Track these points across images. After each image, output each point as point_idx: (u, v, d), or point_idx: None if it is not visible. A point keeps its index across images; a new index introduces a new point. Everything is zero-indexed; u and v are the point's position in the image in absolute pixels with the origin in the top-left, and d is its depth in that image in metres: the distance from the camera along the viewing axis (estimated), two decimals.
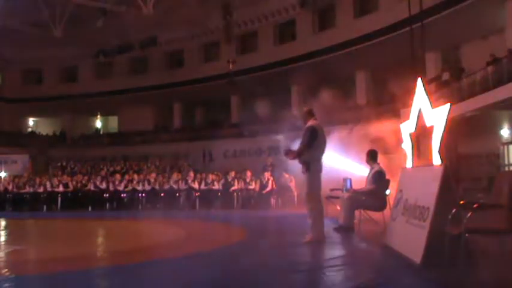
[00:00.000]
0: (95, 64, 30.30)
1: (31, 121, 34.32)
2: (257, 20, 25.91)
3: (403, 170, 5.99)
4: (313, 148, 6.34)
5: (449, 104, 4.59)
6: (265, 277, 4.44)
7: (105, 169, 22.03)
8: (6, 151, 24.41)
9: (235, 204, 15.96)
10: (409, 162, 5.80)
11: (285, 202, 15.35)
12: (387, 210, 7.00)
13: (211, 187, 16.63)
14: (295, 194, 15.11)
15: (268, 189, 15.60)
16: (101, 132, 33.46)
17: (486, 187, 12.83)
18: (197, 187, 16.64)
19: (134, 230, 10.35)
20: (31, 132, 32.68)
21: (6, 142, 26.56)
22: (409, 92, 6.07)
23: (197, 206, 16.20)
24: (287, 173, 15.34)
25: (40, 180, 18.41)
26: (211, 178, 16.84)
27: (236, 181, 16.39)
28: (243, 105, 26.95)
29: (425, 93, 5.20)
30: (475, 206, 4.06)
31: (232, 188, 16.28)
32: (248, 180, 16.21)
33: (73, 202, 17.24)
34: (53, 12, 24.21)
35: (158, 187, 17.20)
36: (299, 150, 6.38)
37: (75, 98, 28.82)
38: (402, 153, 6.53)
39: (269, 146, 21.25)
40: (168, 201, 16.33)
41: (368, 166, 7.85)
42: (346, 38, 21.23)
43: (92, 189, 17.78)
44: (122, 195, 17.35)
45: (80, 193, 17.75)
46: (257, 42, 26.37)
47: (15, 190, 17.98)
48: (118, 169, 22.27)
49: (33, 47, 27.08)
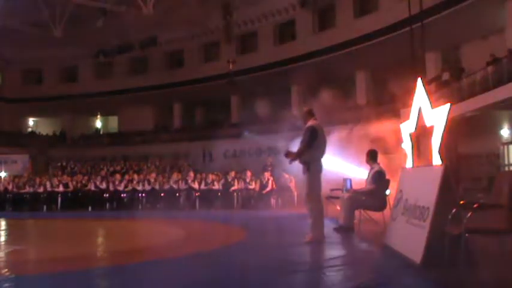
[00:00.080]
0: (95, 64, 30.30)
1: (31, 121, 34.31)
2: (257, 20, 25.91)
3: (403, 170, 5.99)
4: (313, 148, 6.34)
5: (449, 104, 4.59)
6: (265, 277, 4.44)
7: (105, 169, 22.02)
8: (6, 151, 24.40)
9: (235, 204, 15.96)
10: (409, 162, 5.79)
11: (285, 202, 15.34)
12: (387, 210, 7.00)
13: (211, 187, 16.63)
14: (295, 194, 15.09)
15: (268, 189, 15.60)
16: (101, 132, 33.45)
17: (486, 187, 12.84)
18: (197, 187, 16.64)
19: (134, 230, 10.34)
20: (31, 132, 32.67)
21: (6, 142, 26.55)
22: (409, 92, 6.07)
23: (197, 206, 16.20)
24: (287, 173, 15.34)
25: (40, 180, 18.41)
26: (211, 178, 16.85)
27: (236, 181, 16.39)
28: (243, 105, 26.96)
29: (425, 93, 5.20)
30: (475, 206, 4.06)
31: (232, 188, 16.28)
32: (248, 180, 16.21)
33: (73, 202, 17.25)
34: (53, 12, 24.22)
35: (158, 187, 17.21)
36: (299, 150, 6.36)
37: (75, 98, 28.83)
38: (402, 153, 6.54)
39: (269, 146, 21.24)
40: (168, 201, 16.34)
41: (368, 166, 7.85)
42: (346, 38, 21.22)
43: (92, 189, 17.79)
44: (122, 195, 17.36)
45: (80, 193, 17.76)
46: (257, 42, 26.36)
47: (15, 190, 17.98)
48: (118, 169, 22.27)
49: (33, 47, 27.08)
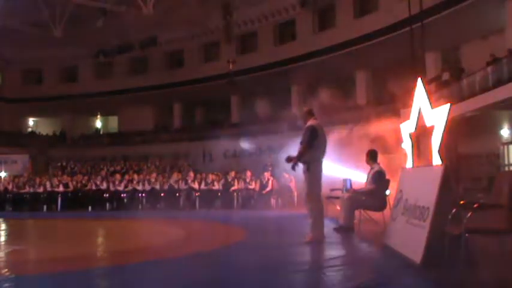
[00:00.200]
0: (95, 64, 30.31)
1: (31, 121, 34.33)
2: (257, 20, 25.92)
3: (403, 170, 5.99)
4: (313, 148, 6.33)
5: (449, 104, 4.59)
6: (265, 277, 4.44)
7: (105, 169, 22.02)
8: (6, 151, 24.40)
9: (235, 204, 15.95)
10: (409, 162, 5.80)
11: (285, 202, 15.34)
12: (387, 210, 7.00)
13: (211, 187, 16.62)
14: (295, 194, 15.09)
15: (268, 189, 15.59)
16: (101, 132, 33.47)
17: (486, 187, 12.83)
18: (197, 187, 16.63)
19: (134, 230, 10.34)
20: (31, 132, 32.69)
21: (6, 142, 26.55)
22: (409, 92, 6.07)
23: (197, 206, 16.20)
24: (287, 173, 15.33)
25: (40, 180, 18.40)
26: (211, 178, 16.84)
27: (236, 181, 16.38)
28: (243, 105, 26.96)
29: (425, 93, 5.20)
30: (475, 206, 4.06)
31: (232, 188, 16.27)
32: (248, 180, 16.21)
33: (73, 202, 17.23)
34: (53, 12, 24.22)
35: (158, 187, 17.20)
36: (300, 151, 6.32)
37: (75, 98, 28.84)
38: (402, 153, 6.54)
39: (269, 146, 21.24)
40: (168, 201, 16.34)
41: (368, 166, 7.84)
42: (346, 38, 21.23)
43: (93, 188, 17.78)
44: (122, 195, 17.35)
45: (80, 193, 17.75)
46: (257, 42, 26.37)
47: (15, 190, 17.97)
48: (118, 169, 22.27)
49: (33, 47, 27.10)
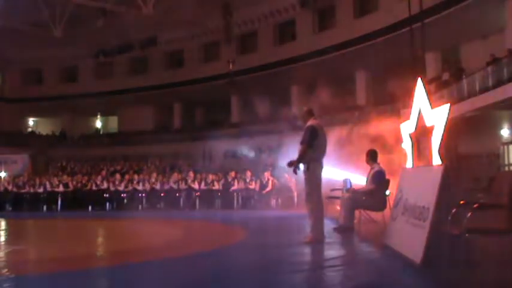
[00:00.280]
0: (95, 64, 30.33)
1: (31, 121, 34.34)
2: (257, 20, 25.92)
3: (403, 170, 5.98)
4: (313, 148, 6.32)
5: (449, 104, 4.59)
6: (265, 277, 4.44)
7: (105, 169, 22.01)
8: (6, 151, 24.37)
9: (235, 204, 15.96)
10: (409, 162, 5.79)
11: (285, 202, 15.34)
12: (387, 210, 6.99)
13: (211, 187, 16.63)
14: (295, 194, 15.09)
15: (268, 189, 15.59)
16: (101, 132, 33.47)
17: (486, 187, 12.81)
18: (197, 187, 16.64)
19: (134, 230, 10.33)
20: (31, 132, 32.70)
21: (6, 142, 26.53)
22: (409, 92, 6.07)
23: (197, 206, 16.21)
24: (287, 173, 15.32)
25: (40, 180, 18.41)
26: (211, 178, 16.84)
27: (236, 181, 16.39)
28: (243, 105, 26.95)
29: (425, 93, 5.19)
30: (475, 206, 4.05)
31: (232, 188, 16.28)
32: (248, 180, 16.21)
33: (73, 202, 17.25)
34: (53, 12, 24.25)
35: (158, 187, 17.21)
36: (301, 152, 6.29)
37: (75, 98, 28.84)
38: (402, 153, 6.53)
39: (268, 146, 21.24)
40: (168, 201, 16.35)
41: (368, 166, 7.84)
42: (346, 38, 21.24)
43: (93, 188, 17.78)
44: (122, 195, 17.36)
45: (80, 193, 17.75)
46: (257, 42, 26.37)
47: (15, 190, 17.98)
48: (118, 169, 22.26)
49: (33, 47, 27.12)
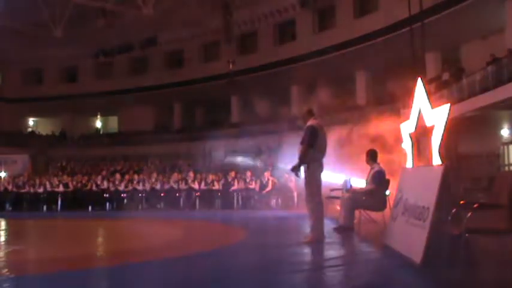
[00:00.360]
0: (95, 64, 30.31)
1: (31, 121, 34.32)
2: (257, 20, 25.91)
3: (403, 170, 5.98)
4: (313, 148, 6.31)
5: (449, 104, 4.59)
6: (265, 277, 4.44)
7: (105, 169, 22.01)
8: (6, 151, 24.37)
9: (235, 204, 15.96)
10: (409, 162, 5.79)
11: (285, 202, 15.34)
12: (387, 210, 6.99)
13: (211, 187, 16.64)
14: (295, 194, 15.09)
15: (268, 189, 15.60)
16: (101, 132, 33.44)
17: (486, 187, 12.81)
18: (197, 187, 16.65)
19: (134, 230, 10.33)
20: (31, 132, 32.67)
21: (6, 142, 26.52)
22: (409, 92, 6.07)
23: (197, 206, 16.21)
24: (287, 173, 15.33)
25: (40, 180, 18.41)
26: (211, 178, 16.85)
27: (236, 181, 16.39)
28: (243, 105, 26.94)
29: (425, 93, 5.19)
30: (475, 206, 4.05)
31: (232, 188, 16.28)
32: (248, 180, 16.21)
33: (73, 202, 17.26)
34: (53, 12, 24.23)
35: (158, 187, 17.21)
36: (302, 153, 6.28)
37: (75, 98, 28.84)
38: (402, 153, 6.53)
39: (268, 146, 21.24)
40: (168, 201, 16.35)
41: (368, 166, 7.83)
42: (346, 38, 21.23)
43: (94, 189, 17.79)
44: (122, 195, 17.36)
45: (80, 193, 17.76)
46: (257, 42, 26.36)
47: (15, 190, 17.98)
48: (118, 169, 22.25)
49: (33, 47, 27.10)
